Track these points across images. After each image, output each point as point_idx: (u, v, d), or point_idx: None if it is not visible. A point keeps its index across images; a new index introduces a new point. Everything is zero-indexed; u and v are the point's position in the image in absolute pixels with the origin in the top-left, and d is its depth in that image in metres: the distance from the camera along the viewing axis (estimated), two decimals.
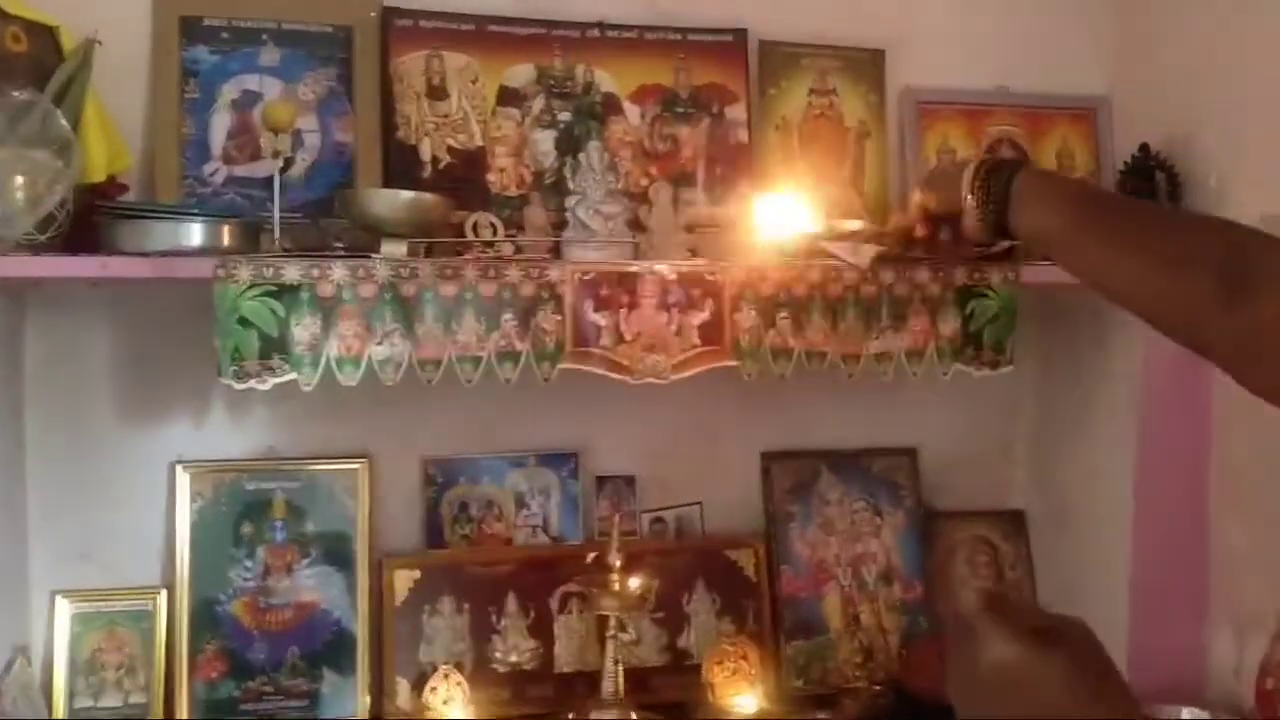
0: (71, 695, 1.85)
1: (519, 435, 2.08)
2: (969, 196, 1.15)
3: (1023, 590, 2.22)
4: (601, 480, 2.12)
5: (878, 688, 2.03)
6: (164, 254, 1.64)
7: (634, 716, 1.87)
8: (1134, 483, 2.00)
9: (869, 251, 1.83)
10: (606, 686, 1.88)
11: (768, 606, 2.11)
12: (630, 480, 2.12)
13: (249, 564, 1.93)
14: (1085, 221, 1.09)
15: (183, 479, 1.92)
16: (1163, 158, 2.03)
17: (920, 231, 1.26)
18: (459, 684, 1.86)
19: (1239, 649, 1.95)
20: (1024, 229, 1.14)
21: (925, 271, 1.86)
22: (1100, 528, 2.08)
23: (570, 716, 1.89)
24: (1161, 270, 1.01)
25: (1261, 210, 1.89)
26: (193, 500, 1.92)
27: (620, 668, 1.88)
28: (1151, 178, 2.02)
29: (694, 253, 1.90)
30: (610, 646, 1.88)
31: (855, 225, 1.40)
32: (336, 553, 1.96)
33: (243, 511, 1.94)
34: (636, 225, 1.93)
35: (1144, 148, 2.04)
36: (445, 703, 1.84)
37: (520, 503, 2.08)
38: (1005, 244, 1.17)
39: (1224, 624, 1.98)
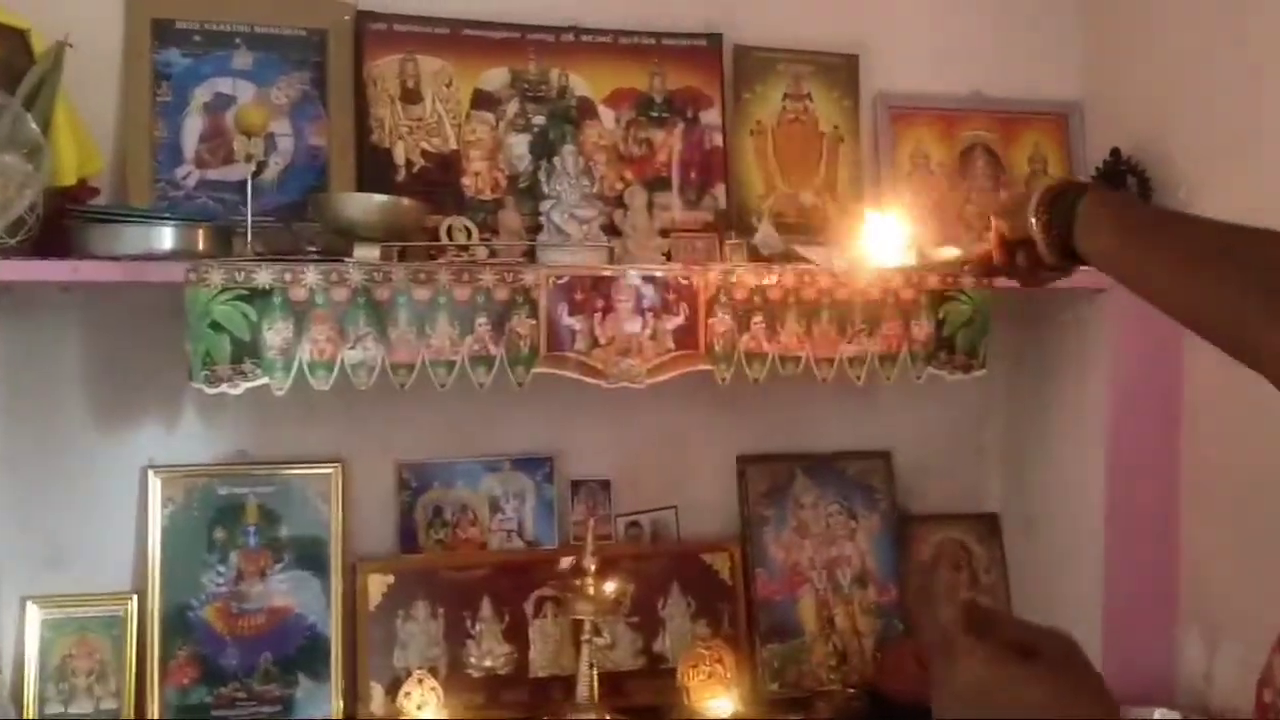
0: (42, 702, 1.83)
1: (494, 439, 2.08)
2: (1034, 221, 1.16)
3: (997, 593, 2.23)
4: (576, 484, 2.11)
5: (852, 690, 2.04)
6: (135, 258, 1.63)
7: (609, 717, 1.87)
8: (1105, 486, 2.01)
9: (842, 257, 1.85)
10: (581, 691, 1.88)
11: (743, 610, 2.11)
12: (605, 484, 2.12)
13: (221, 569, 1.92)
14: (1145, 242, 1.09)
15: (154, 484, 1.90)
16: (1134, 162, 2.04)
17: (997, 258, 1.26)
18: (433, 689, 1.86)
19: (1209, 652, 1.97)
20: (1089, 252, 1.14)
21: (898, 275, 1.87)
22: (1073, 531, 2.10)
23: (545, 717, 1.89)
24: (1216, 289, 1.03)
25: (1232, 215, 1.91)
26: (164, 505, 1.90)
27: (595, 672, 1.88)
28: (1123, 182, 2.04)
29: (668, 257, 1.90)
30: (585, 651, 1.88)
31: (949, 254, 1.39)
32: (310, 557, 1.95)
33: (215, 516, 1.93)
34: (611, 229, 1.93)
35: (1115, 152, 2.06)
36: (419, 708, 1.84)
37: (495, 507, 2.07)
38: (1078, 268, 1.18)
39: (1194, 627, 2.00)
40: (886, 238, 1.48)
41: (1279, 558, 1.84)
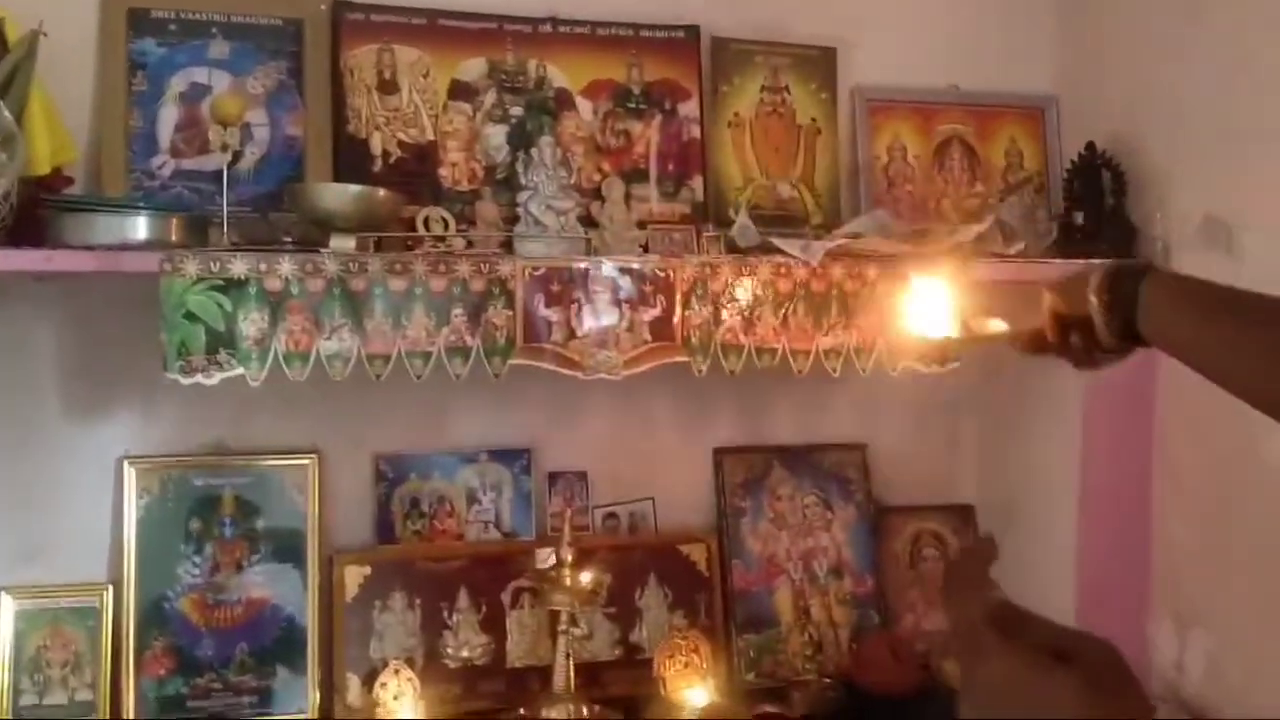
0: (16, 693, 1.83)
1: (471, 431, 2.08)
2: (1094, 300, 1.13)
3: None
4: (554, 476, 2.12)
5: (827, 681, 2.05)
6: (109, 248, 1.62)
7: (585, 711, 1.87)
8: (1079, 478, 2.03)
9: (819, 248, 1.86)
10: (558, 681, 1.88)
11: (719, 600, 2.12)
12: (583, 476, 2.13)
13: (197, 560, 1.92)
14: (1213, 325, 1.07)
15: (130, 475, 1.90)
16: (1108, 156, 2.06)
17: (1051, 337, 1.21)
18: (409, 680, 1.86)
19: (1180, 641, 1.99)
20: (1155, 334, 1.11)
21: (874, 268, 1.88)
22: (1047, 521, 2.11)
23: (521, 712, 1.90)
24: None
25: (1205, 209, 1.93)
26: (140, 496, 1.90)
27: (571, 662, 1.89)
28: (1098, 176, 2.05)
29: (645, 249, 1.91)
30: (562, 641, 1.89)
31: (996, 326, 1.34)
32: (286, 549, 1.95)
33: (191, 507, 1.92)
34: (588, 221, 1.93)
35: (1090, 146, 2.07)
36: (396, 698, 1.84)
37: (472, 499, 2.07)
38: (1135, 350, 1.15)
39: (1166, 618, 2.02)
40: (929, 307, 1.41)
41: (1250, 549, 1.86)
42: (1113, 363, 1.19)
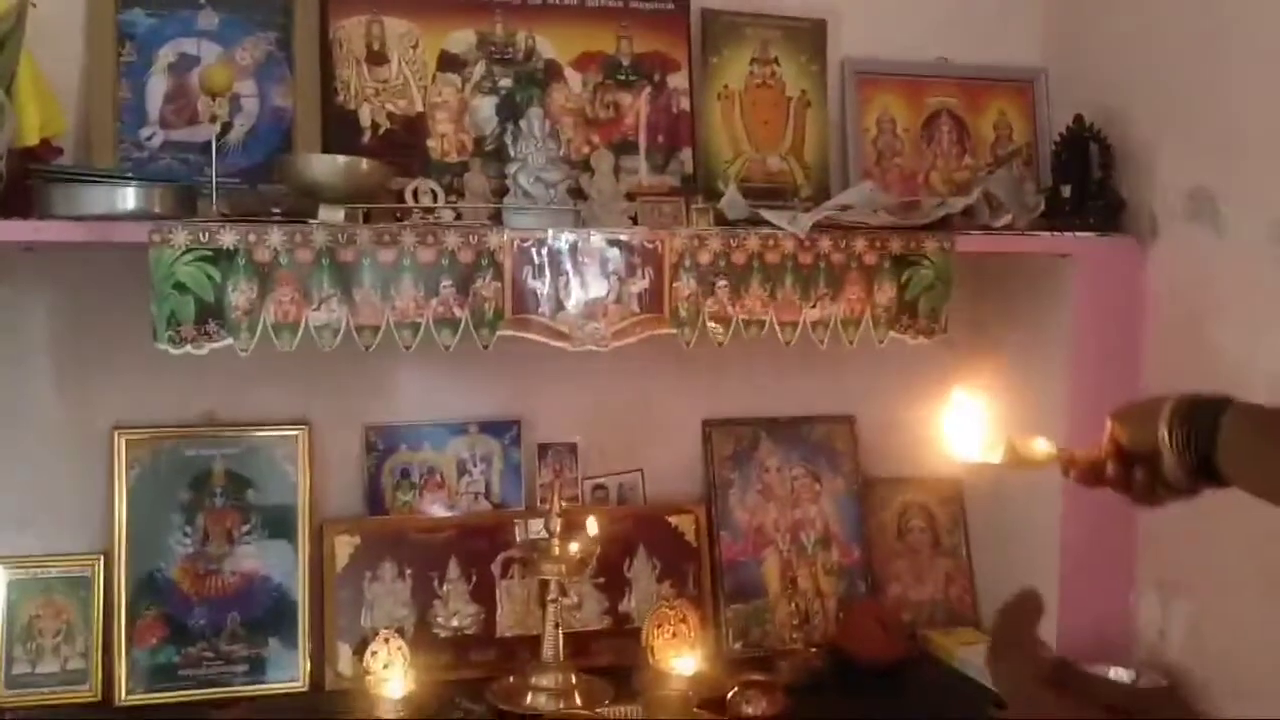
0: (9, 661, 1.84)
1: (461, 403, 2.09)
2: (1166, 435, 1.03)
3: (959, 556, 2.26)
4: (543, 448, 2.13)
5: (814, 650, 2.07)
6: (98, 218, 1.63)
7: (574, 679, 1.89)
8: (1066, 448, 2.03)
9: (806, 221, 1.86)
10: (547, 650, 1.90)
11: (708, 571, 2.14)
12: (572, 448, 2.14)
13: (188, 531, 1.93)
14: None
15: (120, 445, 1.91)
16: (1096, 128, 2.06)
17: (1111, 470, 1.12)
18: (400, 649, 1.87)
19: (1164, 610, 2.00)
20: (1238, 473, 1.02)
21: (861, 240, 1.88)
22: (1033, 493, 2.12)
23: (510, 679, 1.91)
24: None
25: (1192, 182, 1.94)
26: (130, 467, 1.91)
27: (561, 632, 1.90)
28: (1086, 149, 2.06)
29: (634, 221, 1.91)
30: (551, 611, 1.90)
31: (1043, 449, 1.23)
32: (277, 519, 1.96)
33: (182, 478, 1.93)
34: (578, 193, 1.93)
35: (1078, 119, 2.07)
36: (386, 667, 1.85)
37: (462, 470, 2.08)
38: (1204, 490, 1.04)
39: (1150, 586, 2.03)
40: (970, 426, 1.32)
41: (1232, 518, 1.87)
42: (1178, 499, 1.09)
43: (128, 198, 1.66)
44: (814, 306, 1.87)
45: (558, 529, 1.91)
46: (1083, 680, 0.73)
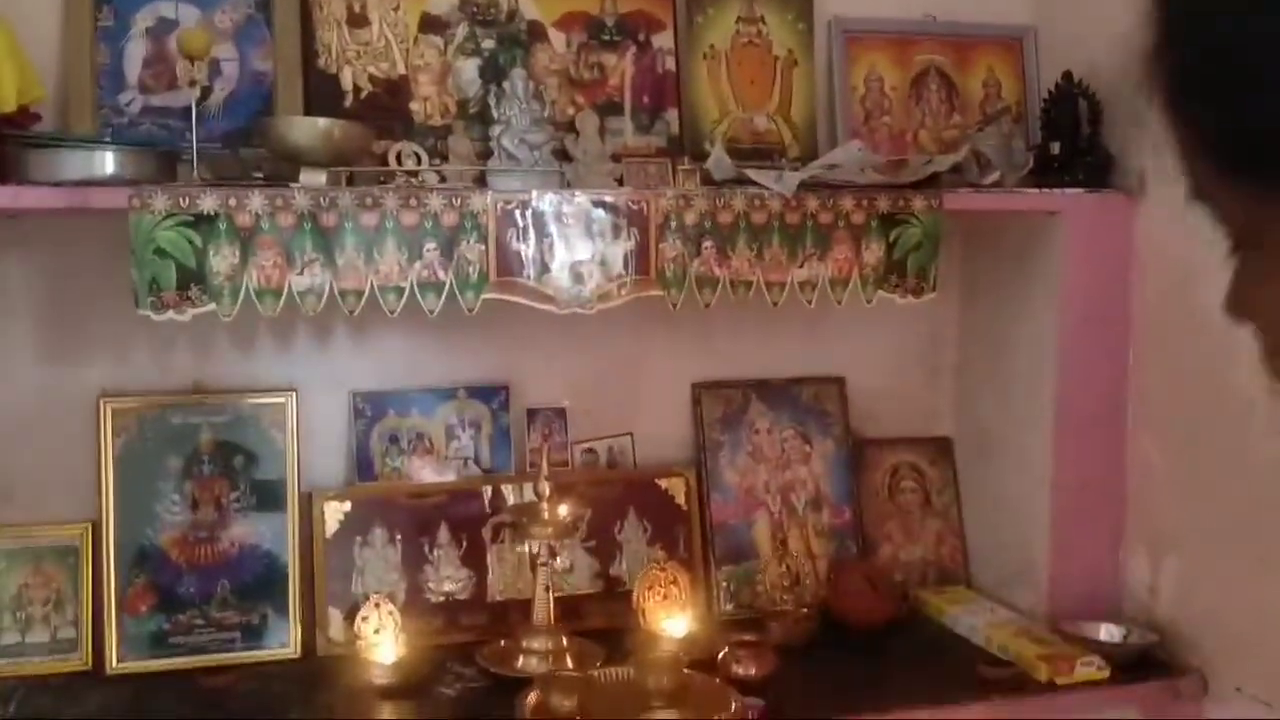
0: None
1: (448, 368, 2.08)
2: None
3: (950, 515, 2.26)
4: (532, 412, 2.12)
5: (805, 611, 2.07)
6: (78, 184, 1.61)
7: (566, 642, 1.89)
8: (1055, 407, 2.04)
9: (793, 180, 1.85)
10: (538, 614, 1.90)
11: (698, 533, 2.14)
12: (561, 412, 2.13)
13: (176, 498, 1.92)
14: None
15: (107, 413, 1.90)
16: (1085, 85, 2.04)
17: None
18: (391, 614, 1.87)
19: (1153, 567, 2.01)
20: None
21: (849, 199, 1.87)
22: (1023, 452, 2.12)
23: (502, 643, 1.91)
24: None
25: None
26: (117, 435, 1.90)
27: (552, 595, 1.91)
28: (1074, 106, 2.04)
29: (620, 182, 1.89)
30: (542, 574, 1.90)
31: None
32: (265, 486, 1.96)
33: (169, 446, 1.92)
34: (562, 155, 1.92)
35: (1067, 76, 2.06)
36: (377, 631, 1.85)
37: (451, 435, 2.08)
38: None
39: (1140, 544, 2.04)
40: None
41: (1222, 475, 1.87)
42: None
43: (107, 163, 1.65)
44: (801, 266, 1.86)
45: (547, 493, 1.90)
46: None
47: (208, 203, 1.62)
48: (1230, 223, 0.71)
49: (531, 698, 1.74)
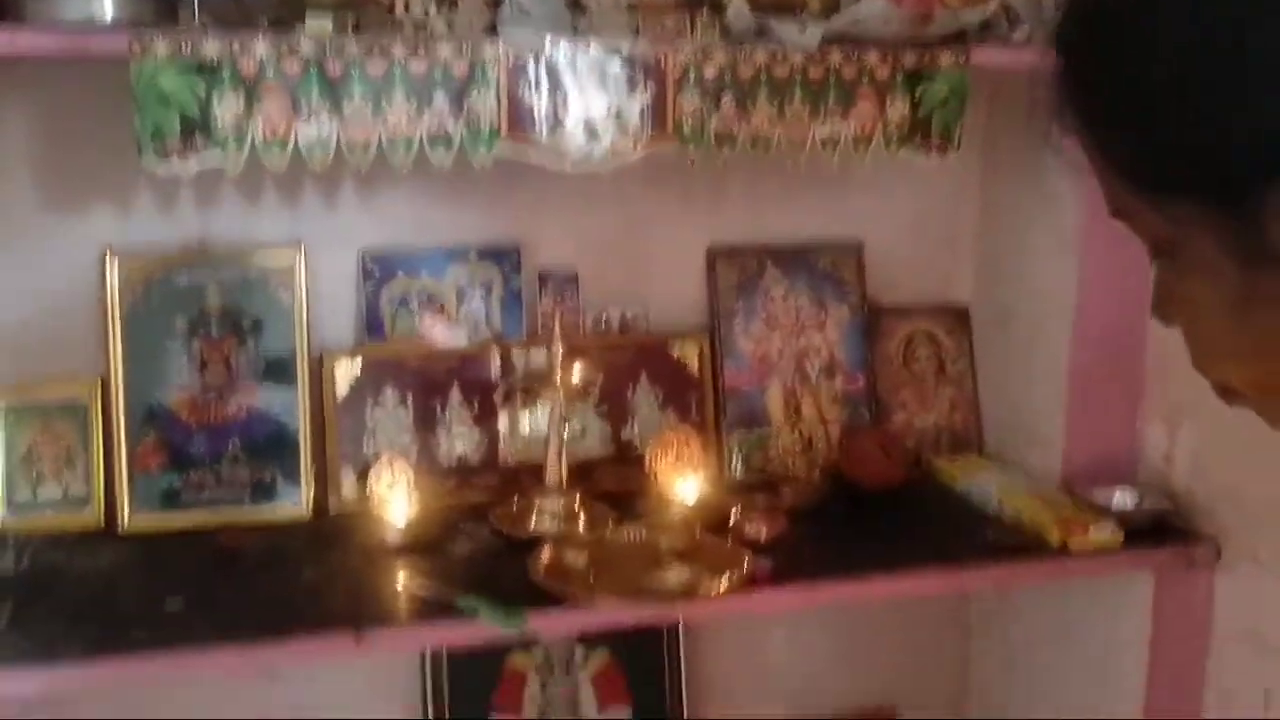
0: (10, 488, 1.84)
1: (459, 229, 2.03)
2: None
3: (964, 384, 2.24)
4: (544, 275, 2.08)
5: (817, 475, 2.06)
6: (75, 26, 1.55)
7: (577, 504, 1.89)
8: (1076, 274, 2.00)
9: (816, 33, 1.78)
10: (550, 477, 1.90)
11: (711, 400, 2.12)
12: (573, 276, 2.09)
13: (184, 358, 1.90)
14: None
15: (113, 270, 1.86)
16: None
17: None
18: (403, 472, 1.86)
19: (1170, 436, 1.99)
20: None
21: (874, 53, 1.81)
22: (1042, 320, 2.09)
23: (515, 503, 1.91)
24: None
25: None
26: (123, 292, 1.86)
27: (564, 459, 1.90)
28: None
29: (637, 32, 1.83)
30: (554, 437, 1.89)
31: None
32: (274, 347, 1.93)
33: (176, 304, 1.89)
34: (576, 4, 1.84)
35: None
36: (390, 488, 1.84)
37: (462, 297, 2.04)
38: None
39: (1157, 413, 2.02)
40: None
41: None
42: None
43: (105, 6, 1.58)
44: (824, 123, 1.80)
45: (560, 356, 1.88)
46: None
47: (211, 48, 1.56)
48: (1146, 236, 0.77)
49: (544, 556, 1.74)
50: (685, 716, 2.18)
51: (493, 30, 1.77)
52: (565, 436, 1.90)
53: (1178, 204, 0.72)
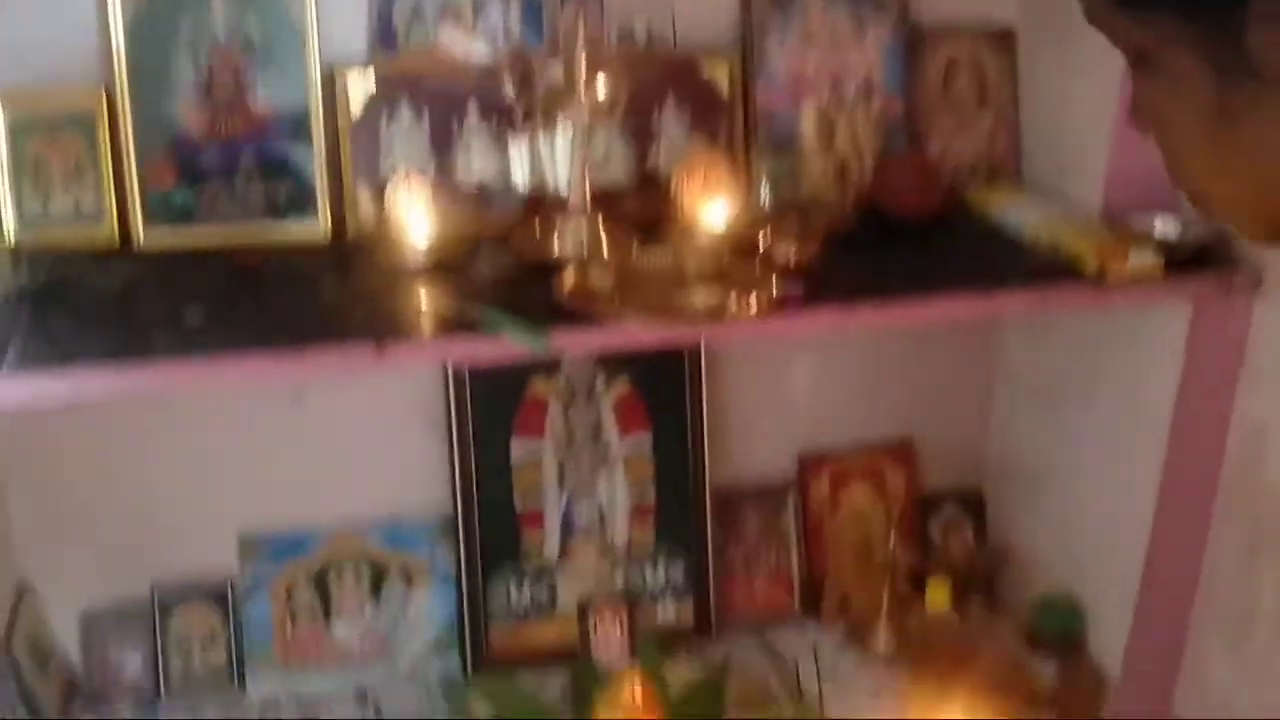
0: (19, 200, 1.79)
1: None
2: None
3: (1004, 107, 2.14)
4: None
5: (850, 203, 2.00)
6: None
7: (600, 227, 1.84)
8: None
9: None
10: (574, 199, 1.84)
11: (740, 124, 2.03)
12: None
13: (192, 68, 1.82)
14: None
15: None
16: None
17: None
18: (421, 188, 1.80)
19: None
20: None
21: None
22: (1089, 40, 1.96)
23: (537, 226, 1.86)
24: None
25: None
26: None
27: (587, 181, 1.83)
28: None
29: None
30: (577, 156, 1.82)
31: None
32: (285, 59, 1.84)
33: (181, 9, 1.79)
34: None
35: None
36: (407, 205, 1.78)
37: (479, 7, 1.93)
38: None
39: None
40: None
41: None
42: None
43: None
44: None
45: (583, 71, 1.79)
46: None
47: None
48: (1125, 46, 0.79)
49: (569, 277, 1.70)
50: (705, 445, 2.20)
51: None
52: (589, 155, 1.83)
53: (1157, 15, 0.74)
